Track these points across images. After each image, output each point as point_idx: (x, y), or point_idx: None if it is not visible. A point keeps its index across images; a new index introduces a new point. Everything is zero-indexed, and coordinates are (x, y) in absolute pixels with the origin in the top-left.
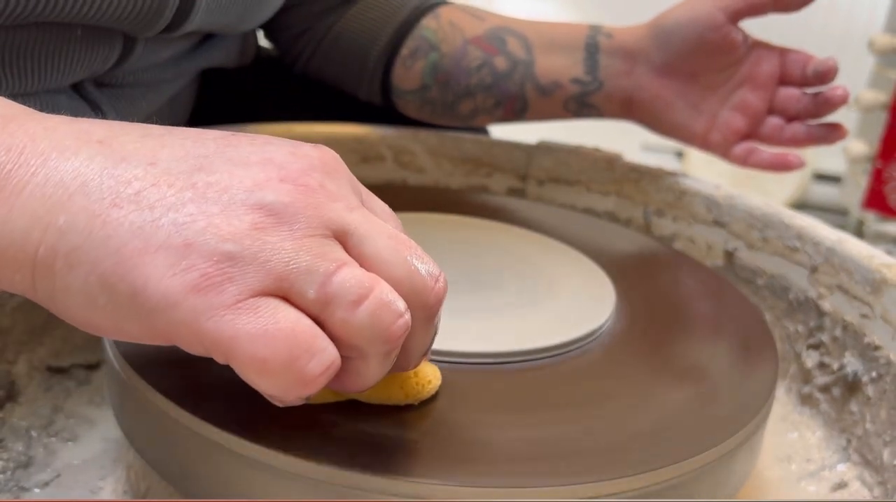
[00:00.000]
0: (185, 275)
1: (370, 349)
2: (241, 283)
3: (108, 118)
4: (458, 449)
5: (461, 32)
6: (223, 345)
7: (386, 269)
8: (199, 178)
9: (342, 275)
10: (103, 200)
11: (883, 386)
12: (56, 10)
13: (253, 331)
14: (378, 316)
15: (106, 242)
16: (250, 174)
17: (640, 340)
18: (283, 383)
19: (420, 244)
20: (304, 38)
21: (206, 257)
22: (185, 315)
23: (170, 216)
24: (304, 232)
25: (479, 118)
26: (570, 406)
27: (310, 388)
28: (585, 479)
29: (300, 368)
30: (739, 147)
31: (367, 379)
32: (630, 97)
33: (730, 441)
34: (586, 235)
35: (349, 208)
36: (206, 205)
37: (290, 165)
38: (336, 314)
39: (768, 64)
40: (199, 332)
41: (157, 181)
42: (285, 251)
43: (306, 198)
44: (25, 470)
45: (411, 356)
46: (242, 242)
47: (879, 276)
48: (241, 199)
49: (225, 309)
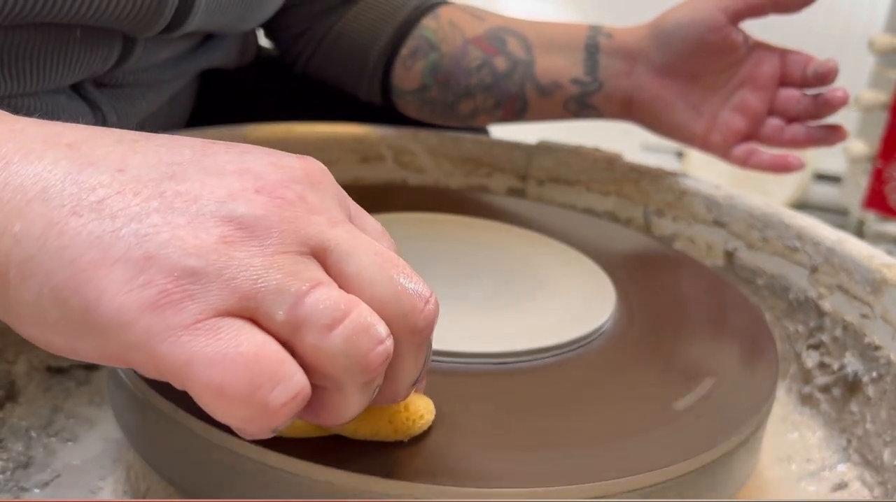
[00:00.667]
0: (141, 292)
1: (346, 378)
2: (203, 302)
3: (107, 118)
4: (457, 450)
5: (461, 32)
6: (178, 370)
7: (369, 289)
8: (169, 187)
9: (315, 295)
10: (63, 207)
11: (883, 386)
12: (55, 9)
13: (211, 355)
14: (354, 341)
15: (61, 253)
16: (224, 184)
17: (639, 340)
18: (243, 413)
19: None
20: (304, 37)
21: (166, 272)
22: (139, 335)
23: (132, 226)
24: (276, 247)
25: (478, 118)
26: (570, 406)
27: (274, 420)
28: (585, 480)
29: (262, 397)
30: (739, 148)
31: (344, 412)
32: (630, 98)
33: (730, 441)
34: (586, 235)
35: (331, 223)
36: (172, 216)
37: (268, 176)
38: (307, 339)
39: (769, 65)
40: (153, 354)
41: (122, 189)
42: (254, 268)
43: (282, 212)
44: (25, 470)
45: (399, 386)
46: (207, 257)
47: (880, 276)
48: (211, 211)
49: (182, 329)
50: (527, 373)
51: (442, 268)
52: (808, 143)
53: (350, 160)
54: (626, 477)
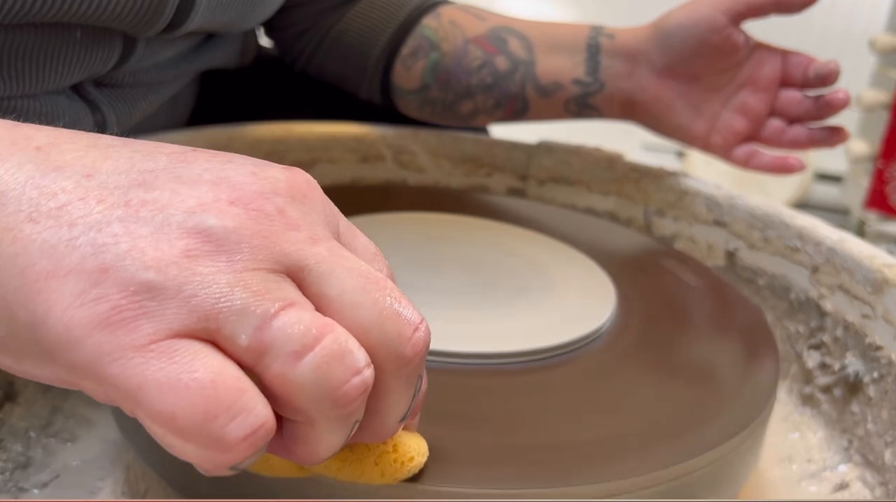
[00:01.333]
0: (93, 307)
1: (316, 413)
2: (159, 321)
3: (107, 119)
4: (457, 451)
5: (462, 32)
6: (128, 395)
7: (351, 313)
8: (136, 195)
9: (284, 318)
10: (20, 213)
11: (884, 386)
12: (56, 8)
13: (163, 380)
14: (325, 371)
15: (13, 261)
16: (196, 193)
17: (640, 340)
18: (196, 447)
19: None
20: (304, 36)
21: (121, 286)
22: (88, 354)
23: (90, 235)
24: (245, 264)
25: (479, 118)
26: (570, 406)
27: (232, 456)
28: (586, 480)
29: (216, 430)
30: (740, 149)
31: (318, 450)
32: (631, 98)
33: (731, 441)
34: (587, 235)
35: (312, 240)
36: (135, 226)
37: (246, 186)
38: (273, 367)
39: (770, 66)
40: (101, 376)
41: (86, 195)
42: (217, 285)
43: (256, 225)
44: (24, 470)
45: (385, 422)
46: (167, 271)
47: (881, 276)
48: (178, 221)
49: (134, 350)
50: (527, 373)
51: (442, 268)
52: (809, 145)
53: (350, 160)
54: (628, 478)
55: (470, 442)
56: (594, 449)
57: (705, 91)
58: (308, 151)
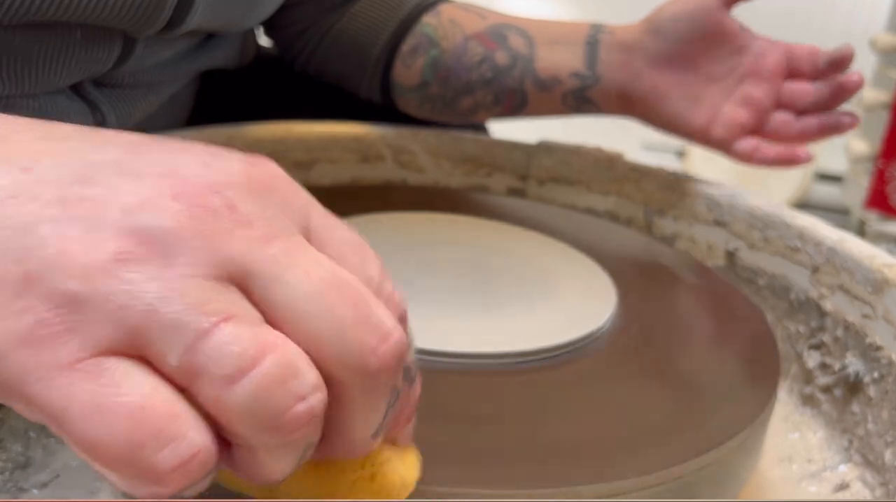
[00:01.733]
0: (16, 321)
1: (254, 441)
2: (85, 336)
3: (107, 119)
4: (455, 451)
5: (461, 29)
6: (53, 417)
7: (305, 324)
8: (73, 191)
9: (219, 336)
10: None
11: (885, 386)
12: (54, 7)
13: (87, 404)
14: (263, 399)
15: None
16: (138, 189)
17: (640, 341)
18: (125, 476)
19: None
20: (304, 35)
21: (45, 297)
22: (11, 373)
23: (17, 239)
24: (182, 269)
25: (478, 114)
26: (570, 407)
27: (166, 486)
28: (586, 481)
29: (145, 459)
30: (744, 142)
31: (269, 473)
32: (627, 90)
33: (731, 442)
34: (587, 235)
35: (265, 239)
36: (66, 227)
37: (195, 179)
38: (205, 390)
39: (773, 58)
40: (26, 396)
41: (18, 192)
42: (148, 295)
43: (198, 224)
44: (24, 470)
45: (353, 439)
46: (93, 280)
47: (881, 276)
48: (113, 220)
49: (59, 369)
50: (526, 373)
51: (441, 269)
52: (819, 134)
53: (349, 160)
54: (627, 479)
55: (469, 443)
56: (594, 449)
57: (703, 81)
58: (308, 151)
